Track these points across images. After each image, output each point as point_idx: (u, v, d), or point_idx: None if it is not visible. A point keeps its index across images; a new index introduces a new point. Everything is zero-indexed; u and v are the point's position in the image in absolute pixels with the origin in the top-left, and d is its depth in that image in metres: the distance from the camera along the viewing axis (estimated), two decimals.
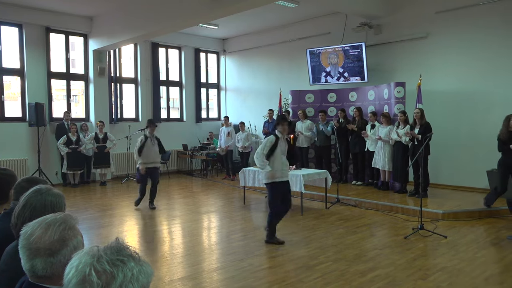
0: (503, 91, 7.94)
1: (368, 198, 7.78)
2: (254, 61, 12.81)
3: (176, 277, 4.33)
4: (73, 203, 8.10)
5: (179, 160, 12.68)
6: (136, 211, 7.55)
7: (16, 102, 10.25)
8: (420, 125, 7.60)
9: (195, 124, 13.20)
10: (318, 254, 4.98)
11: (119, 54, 11.72)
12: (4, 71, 9.85)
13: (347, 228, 6.17)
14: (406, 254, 4.98)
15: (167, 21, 8.41)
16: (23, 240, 1.44)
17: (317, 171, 7.89)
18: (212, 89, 14.03)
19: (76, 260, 1.10)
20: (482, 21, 8.11)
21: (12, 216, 1.90)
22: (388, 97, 8.97)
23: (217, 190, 9.75)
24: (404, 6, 9.22)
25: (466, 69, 8.38)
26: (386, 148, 8.36)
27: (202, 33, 12.59)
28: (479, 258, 4.82)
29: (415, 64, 8.99)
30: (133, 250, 1.14)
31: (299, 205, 7.25)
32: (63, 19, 10.32)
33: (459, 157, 8.24)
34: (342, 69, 10.01)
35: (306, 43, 10.92)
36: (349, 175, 9.71)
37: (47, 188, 2.00)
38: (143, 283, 1.10)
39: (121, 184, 10.46)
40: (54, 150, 10.26)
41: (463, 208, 6.91)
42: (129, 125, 11.44)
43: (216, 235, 6.18)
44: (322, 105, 10.31)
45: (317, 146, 9.77)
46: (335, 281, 4.16)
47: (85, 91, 11.11)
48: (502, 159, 6.65)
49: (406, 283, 4.10)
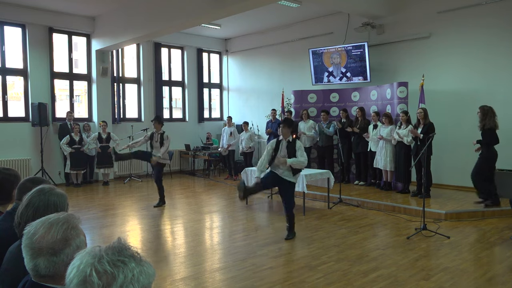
0: (505, 91, 7.92)
1: (371, 198, 7.77)
2: (257, 61, 12.81)
3: (179, 277, 4.34)
4: (75, 203, 8.12)
5: (181, 160, 12.70)
6: (138, 211, 7.56)
7: (19, 102, 10.28)
8: (424, 125, 7.58)
9: (197, 124, 13.22)
10: (320, 254, 4.98)
11: (122, 54, 11.74)
12: (8, 71, 9.89)
13: (350, 228, 6.17)
14: (408, 254, 4.97)
15: (170, 21, 8.43)
16: (26, 239, 1.45)
17: (320, 171, 7.88)
18: (214, 89, 14.04)
19: (78, 260, 1.11)
20: (485, 20, 8.08)
21: (15, 216, 1.91)
22: (391, 97, 8.96)
23: (219, 190, 9.76)
24: (406, 6, 9.20)
25: (468, 69, 8.36)
26: (387, 148, 8.34)
27: (205, 33, 12.61)
28: (482, 259, 4.81)
29: (418, 64, 8.98)
30: (134, 251, 1.14)
31: (302, 205, 7.25)
32: (66, 19, 10.36)
33: (461, 157, 8.20)
34: (344, 69, 10.00)
35: (308, 43, 10.91)
36: (351, 175, 9.69)
37: (50, 188, 2.01)
38: (144, 283, 1.10)
39: (123, 184, 10.48)
40: (57, 150, 10.30)
41: (466, 209, 6.89)
42: (131, 125, 11.47)
43: (219, 235, 6.19)
44: (324, 105, 10.30)
45: (319, 146, 9.76)
46: (338, 281, 4.15)
47: (88, 91, 11.14)
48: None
49: (409, 283, 4.09)
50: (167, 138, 7.65)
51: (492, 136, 6.84)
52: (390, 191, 8.45)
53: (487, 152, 6.91)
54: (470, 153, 8.31)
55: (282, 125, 5.60)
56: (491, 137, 6.84)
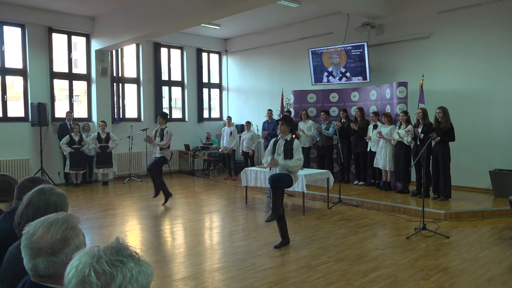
0: (505, 91, 7.92)
1: (370, 198, 7.78)
2: (256, 61, 12.81)
3: (178, 277, 4.33)
4: (75, 203, 8.12)
5: (181, 160, 12.69)
6: (137, 211, 7.57)
7: (18, 102, 10.27)
8: (423, 125, 7.59)
9: (197, 124, 13.21)
10: (320, 254, 4.98)
11: (121, 54, 11.74)
12: (7, 71, 9.88)
13: (349, 228, 6.17)
14: (408, 254, 4.97)
15: (169, 21, 8.42)
16: (25, 239, 1.44)
17: (319, 171, 7.89)
18: (214, 89, 14.04)
19: (76, 260, 1.11)
20: (484, 21, 8.08)
21: (15, 215, 1.91)
22: (390, 97, 8.96)
23: (219, 190, 9.76)
24: (406, 6, 9.20)
25: (468, 69, 8.36)
26: (387, 148, 8.35)
27: (204, 33, 12.60)
28: (481, 259, 4.81)
29: (417, 64, 8.98)
30: (133, 250, 1.14)
31: (301, 205, 7.25)
32: (66, 19, 10.35)
33: (461, 157, 8.21)
34: (344, 69, 10.00)
35: (308, 43, 10.91)
36: (351, 175, 9.69)
37: (50, 187, 2.01)
38: (142, 283, 1.10)
39: (123, 184, 10.48)
40: (57, 150, 10.29)
41: (465, 208, 6.90)
42: (131, 125, 11.46)
43: (218, 235, 6.19)
44: (324, 105, 10.30)
45: (319, 146, 9.76)
46: (337, 281, 4.16)
47: (88, 91, 11.14)
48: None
49: (408, 283, 4.09)
50: (167, 133, 7.89)
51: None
52: (389, 191, 8.45)
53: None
54: (470, 153, 8.34)
55: (281, 122, 5.38)
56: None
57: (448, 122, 7.22)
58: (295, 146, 5.29)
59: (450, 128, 7.20)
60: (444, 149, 7.25)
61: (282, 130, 5.37)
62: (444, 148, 7.26)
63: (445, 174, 7.31)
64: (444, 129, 7.18)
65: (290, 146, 5.29)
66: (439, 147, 7.26)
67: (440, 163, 7.30)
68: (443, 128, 7.19)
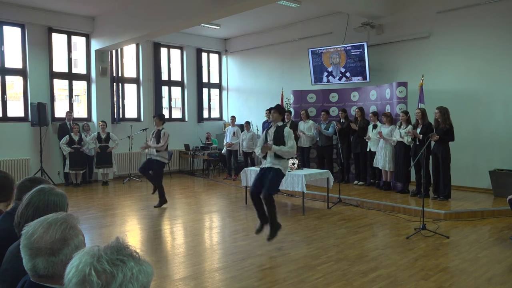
0: (504, 91, 7.92)
1: (370, 198, 7.78)
2: (256, 61, 12.81)
3: (178, 277, 4.33)
4: (75, 203, 8.11)
5: (181, 160, 12.69)
6: (137, 211, 7.56)
7: (18, 102, 10.27)
8: (423, 125, 7.59)
9: (197, 124, 13.21)
10: (319, 254, 4.98)
11: (121, 54, 11.73)
12: (7, 71, 9.88)
13: (349, 228, 6.17)
14: (408, 254, 4.97)
15: (169, 21, 8.42)
16: (24, 239, 1.44)
17: (319, 171, 7.88)
18: (214, 89, 14.04)
19: (77, 259, 1.11)
20: (484, 20, 8.09)
21: (15, 215, 1.91)
22: (390, 97, 8.96)
23: (219, 190, 9.76)
24: (406, 6, 9.20)
25: (468, 69, 8.36)
26: (387, 148, 8.34)
27: (204, 33, 12.60)
28: (481, 259, 4.81)
29: (417, 64, 8.98)
30: (133, 250, 1.14)
31: (301, 205, 7.24)
32: (65, 19, 10.35)
33: (461, 157, 8.21)
34: (344, 69, 10.00)
35: (308, 43, 10.91)
36: (351, 175, 9.69)
37: (50, 187, 2.01)
38: (143, 282, 1.10)
39: (123, 184, 10.48)
40: (56, 150, 10.29)
41: (465, 208, 6.89)
42: (131, 125, 11.46)
43: (218, 235, 6.19)
44: (324, 105, 10.30)
45: (319, 146, 9.76)
46: (337, 281, 4.15)
47: (87, 91, 11.14)
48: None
49: (408, 283, 4.09)
50: (164, 134, 7.65)
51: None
52: (389, 191, 8.45)
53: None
54: (470, 153, 8.34)
55: (273, 110, 5.43)
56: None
57: (447, 122, 7.21)
58: (287, 133, 5.28)
59: (450, 128, 7.20)
60: (444, 149, 7.25)
61: (274, 118, 5.42)
62: (444, 148, 7.26)
63: (445, 174, 7.31)
64: (443, 129, 7.18)
65: (281, 132, 5.30)
66: (439, 147, 7.26)
67: (440, 163, 7.30)
68: (442, 129, 7.19)
